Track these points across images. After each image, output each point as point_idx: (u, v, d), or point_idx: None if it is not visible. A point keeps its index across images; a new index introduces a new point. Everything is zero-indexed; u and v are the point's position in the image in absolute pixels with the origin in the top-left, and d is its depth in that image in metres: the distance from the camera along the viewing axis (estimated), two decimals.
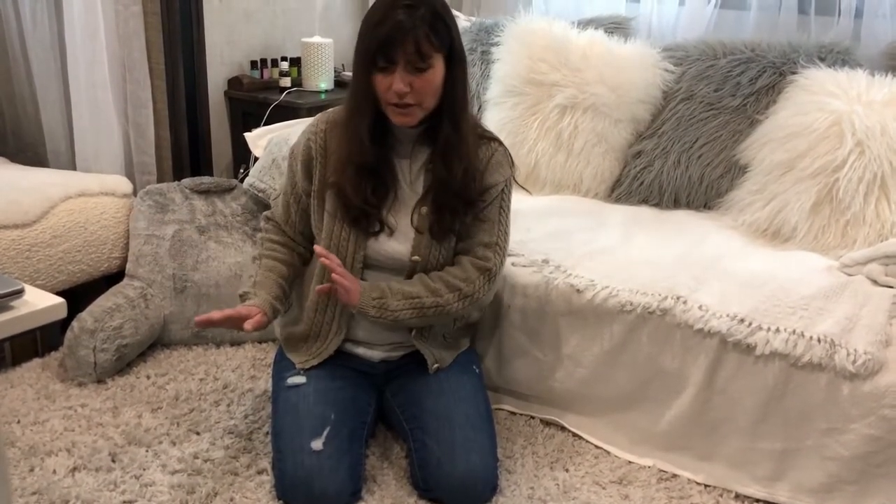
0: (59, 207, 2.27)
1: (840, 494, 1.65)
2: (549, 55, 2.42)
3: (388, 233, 1.69)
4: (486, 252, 1.71)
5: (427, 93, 1.58)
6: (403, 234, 1.69)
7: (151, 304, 2.22)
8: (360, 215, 1.66)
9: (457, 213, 1.68)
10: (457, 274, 1.70)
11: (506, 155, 1.75)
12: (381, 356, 1.79)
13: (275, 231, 1.82)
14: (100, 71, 2.52)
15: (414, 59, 1.53)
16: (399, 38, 1.51)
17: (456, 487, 1.63)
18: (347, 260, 1.69)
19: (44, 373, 2.10)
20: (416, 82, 1.55)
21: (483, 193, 1.70)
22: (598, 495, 1.73)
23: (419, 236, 1.69)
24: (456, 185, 1.65)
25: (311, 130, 1.72)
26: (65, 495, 1.62)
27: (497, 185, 1.71)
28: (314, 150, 1.70)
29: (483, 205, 1.71)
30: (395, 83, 1.54)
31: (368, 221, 1.67)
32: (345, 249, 1.69)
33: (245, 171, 2.69)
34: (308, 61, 2.95)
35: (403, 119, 1.60)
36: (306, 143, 1.72)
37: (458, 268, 1.71)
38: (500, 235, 1.73)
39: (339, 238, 1.69)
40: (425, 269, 1.71)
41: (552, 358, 1.93)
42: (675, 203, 2.32)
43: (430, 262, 1.71)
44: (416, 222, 1.68)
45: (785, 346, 1.64)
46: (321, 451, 1.61)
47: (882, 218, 1.92)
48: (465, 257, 1.72)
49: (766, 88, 2.26)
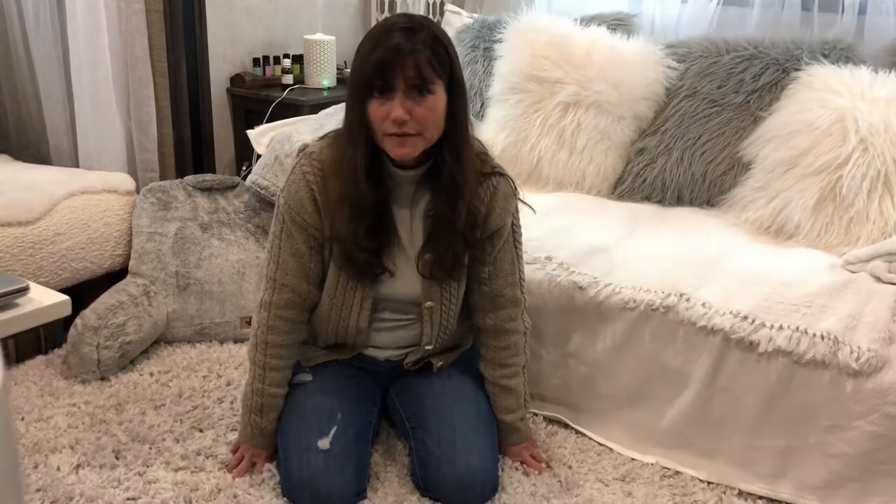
0: (62, 205, 2.27)
1: (843, 492, 1.65)
2: (551, 52, 2.42)
3: (390, 276, 1.63)
4: (514, 293, 1.74)
5: (429, 121, 1.47)
6: (410, 279, 1.65)
7: (154, 301, 2.22)
8: (363, 266, 1.58)
9: (457, 254, 1.61)
10: (514, 341, 1.76)
11: (508, 187, 1.66)
12: (386, 355, 1.78)
13: (281, 327, 1.65)
14: (102, 68, 2.52)
15: (415, 83, 1.44)
16: (398, 61, 1.42)
17: (455, 488, 1.63)
18: (355, 308, 1.65)
19: (47, 370, 2.11)
20: (417, 110, 1.45)
21: (490, 236, 1.66)
22: (601, 492, 1.73)
23: (427, 282, 1.64)
24: (459, 224, 1.58)
25: (305, 175, 1.58)
26: (69, 492, 1.63)
27: (505, 225, 1.68)
28: (317, 192, 1.57)
29: (489, 247, 1.67)
30: (394, 110, 1.43)
31: (370, 270, 1.60)
32: (351, 298, 1.64)
33: (248, 169, 2.69)
34: (310, 58, 2.96)
35: (402, 150, 1.48)
36: (307, 187, 1.58)
37: (507, 335, 1.75)
38: (521, 269, 1.76)
39: (344, 288, 1.63)
40: (440, 315, 1.69)
41: (555, 355, 1.93)
42: (678, 200, 2.32)
43: (444, 304, 1.68)
44: (422, 269, 1.63)
45: (788, 344, 1.64)
46: (328, 451, 1.61)
47: (885, 215, 1.92)
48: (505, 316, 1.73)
49: (770, 85, 2.25)
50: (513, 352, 1.75)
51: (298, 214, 1.60)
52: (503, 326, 1.74)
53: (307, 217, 1.59)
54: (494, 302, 1.72)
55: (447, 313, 1.70)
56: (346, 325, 1.69)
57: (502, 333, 1.74)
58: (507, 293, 1.72)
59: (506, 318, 1.73)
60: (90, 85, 2.52)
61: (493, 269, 1.70)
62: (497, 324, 1.73)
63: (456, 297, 1.69)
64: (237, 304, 2.29)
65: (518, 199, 1.69)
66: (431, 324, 1.69)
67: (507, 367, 1.75)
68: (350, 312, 1.66)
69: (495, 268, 1.70)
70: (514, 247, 1.72)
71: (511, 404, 1.77)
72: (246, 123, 2.86)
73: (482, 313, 1.74)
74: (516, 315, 1.75)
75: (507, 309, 1.73)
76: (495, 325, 1.73)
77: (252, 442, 1.71)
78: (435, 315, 1.68)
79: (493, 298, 1.72)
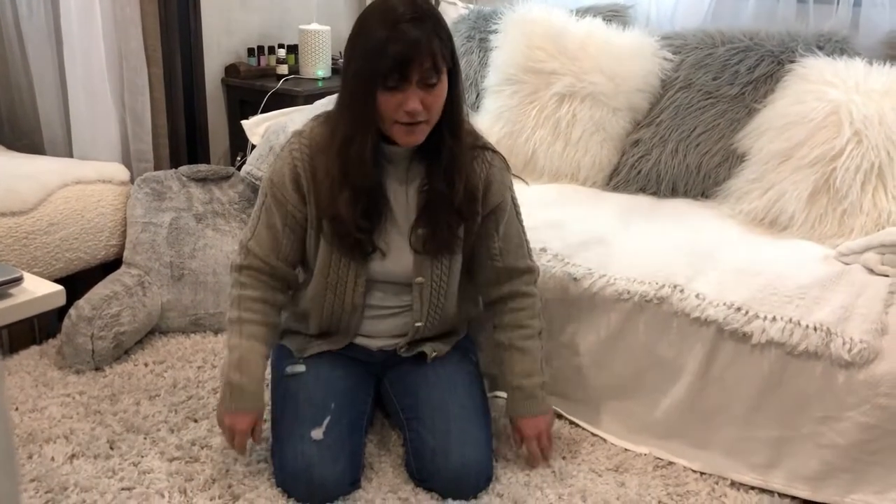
0: (56, 195, 2.27)
1: (834, 482, 1.67)
2: (547, 43, 2.41)
3: (381, 256, 1.64)
4: (525, 262, 1.76)
5: (437, 108, 1.51)
6: (402, 256, 1.65)
7: (149, 291, 2.22)
8: (354, 243, 1.59)
9: (451, 228, 1.63)
10: (530, 304, 1.76)
11: (502, 163, 1.70)
12: (379, 345, 1.78)
13: (253, 284, 1.66)
14: (96, 58, 2.51)
15: (429, 74, 1.46)
16: (416, 55, 1.43)
17: (450, 479, 1.64)
18: (349, 286, 1.66)
19: (41, 360, 2.11)
20: (428, 99, 1.48)
21: (493, 212, 1.69)
22: (594, 483, 1.74)
23: (419, 257, 1.65)
24: (457, 199, 1.60)
25: (293, 155, 1.60)
26: (63, 482, 1.63)
27: (505, 200, 1.70)
28: (303, 176, 1.59)
29: (493, 223, 1.70)
30: (409, 102, 1.45)
31: (362, 248, 1.61)
32: (345, 276, 1.65)
33: (242, 159, 2.68)
34: (305, 49, 2.95)
35: (411, 138, 1.52)
36: (292, 168, 1.60)
37: (524, 298, 1.75)
38: (526, 239, 1.78)
39: (337, 266, 1.64)
40: (431, 291, 1.69)
41: (549, 346, 1.93)
42: (673, 192, 2.32)
43: (434, 282, 1.68)
44: (414, 244, 1.64)
45: (781, 335, 1.65)
46: (321, 441, 1.61)
47: (879, 207, 1.92)
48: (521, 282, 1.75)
49: (765, 77, 2.25)
50: (529, 313, 1.75)
51: (279, 191, 1.62)
52: (519, 290, 1.75)
53: (287, 195, 1.62)
54: (510, 274, 1.75)
55: (437, 290, 1.70)
56: (342, 304, 1.68)
57: (518, 296, 1.75)
58: (520, 265, 1.75)
59: (521, 284, 1.76)
60: (84, 75, 2.51)
61: (504, 244, 1.73)
62: (513, 289, 1.75)
63: (447, 275, 1.69)
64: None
65: (511, 173, 1.73)
66: (422, 301, 1.69)
67: (524, 327, 1.75)
68: (345, 290, 1.66)
69: (505, 243, 1.73)
70: (517, 220, 1.76)
71: (528, 367, 1.73)
72: (241, 114, 2.86)
73: (496, 287, 1.76)
74: (531, 281, 1.77)
75: (523, 277, 1.76)
76: (511, 290, 1.75)
77: (234, 405, 1.61)
78: (425, 292, 1.68)
79: (508, 272, 1.75)
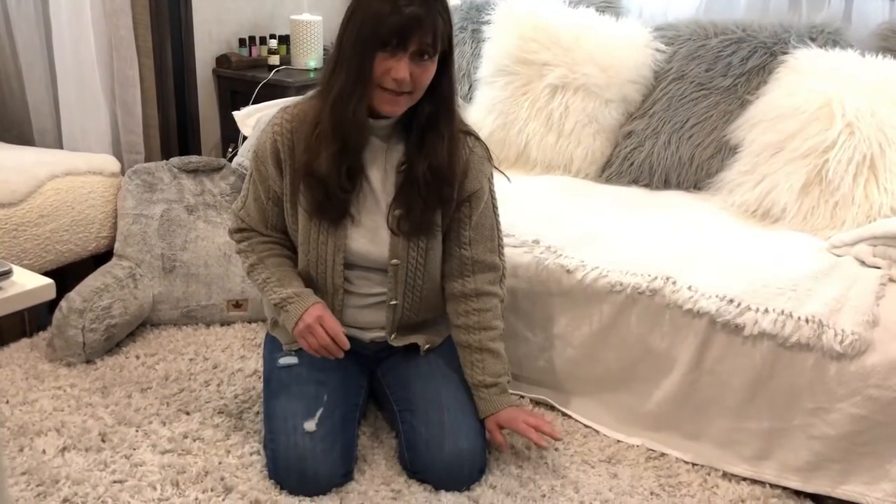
0: (46, 186, 2.25)
1: (825, 473, 1.67)
2: (540, 34, 2.41)
3: (362, 231, 1.65)
4: (493, 259, 1.75)
5: (423, 84, 1.53)
6: (379, 236, 1.66)
7: (140, 283, 2.21)
8: (325, 198, 1.59)
9: (427, 210, 1.63)
10: (495, 304, 1.75)
11: (483, 150, 1.71)
12: (370, 336, 1.78)
13: (254, 236, 1.73)
14: (86, 49, 2.49)
15: (427, 48, 1.48)
16: (420, 26, 1.46)
17: (443, 469, 1.64)
18: (328, 262, 1.66)
19: (32, 353, 2.10)
20: (417, 72, 1.50)
21: (468, 199, 1.68)
22: (586, 474, 1.74)
23: (395, 238, 1.65)
24: (440, 179, 1.60)
25: (274, 130, 1.63)
26: (55, 475, 1.62)
27: (482, 188, 1.70)
28: (282, 151, 1.62)
29: (467, 210, 1.69)
30: (398, 70, 1.47)
31: (333, 207, 1.61)
32: (324, 251, 1.65)
33: (234, 151, 2.67)
34: (297, 39, 2.93)
35: (392, 108, 1.54)
36: (273, 142, 1.63)
37: (489, 298, 1.73)
38: (499, 233, 1.77)
39: (317, 241, 1.65)
40: (406, 273, 1.68)
41: (542, 338, 1.93)
42: (666, 184, 2.32)
43: (410, 264, 1.68)
44: (392, 224, 1.64)
45: (773, 327, 1.65)
46: (314, 433, 1.61)
47: (871, 199, 1.93)
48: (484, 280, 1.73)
49: (757, 69, 2.26)
50: (494, 314, 1.74)
51: (262, 165, 1.67)
52: (484, 289, 1.74)
53: (268, 169, 1.66)
54: (474, 267, 1.73)
55: (414, 272, 1.69)
56: (325, 284, 1.68)
57: (483, 296, 1.74)
58: (486, 259, 1.73)
59: (486, 282, 1.74)
60: (74, 65, 2.49)
61: (475, 234, 1.72)
62: (478, 287, 1.73)
63: (423, 257, 1.69)
64: (223, 287, 2.29)
65: (493, 165, 1.73)
66: (396, 281, 1.69)
67: (490, 329, 1.74)
68: (326, 268, 1.67)
69: (476, 233, 1.72)
70: (493, 213, 1.75)
71: (499, 368, 1.73)
72: (232, 104, 2.84)
73: (461, 280, 1.74)
74: (495, 280, 1.76)
75: (487, 273, 1.74)
76: (476, 288, 1.73)
77: (303, 306, 1.62)
78: (401, 273, 1.68)
79: (473, 264, 1.73)
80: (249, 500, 1.59)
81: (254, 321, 2.31)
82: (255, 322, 2.31)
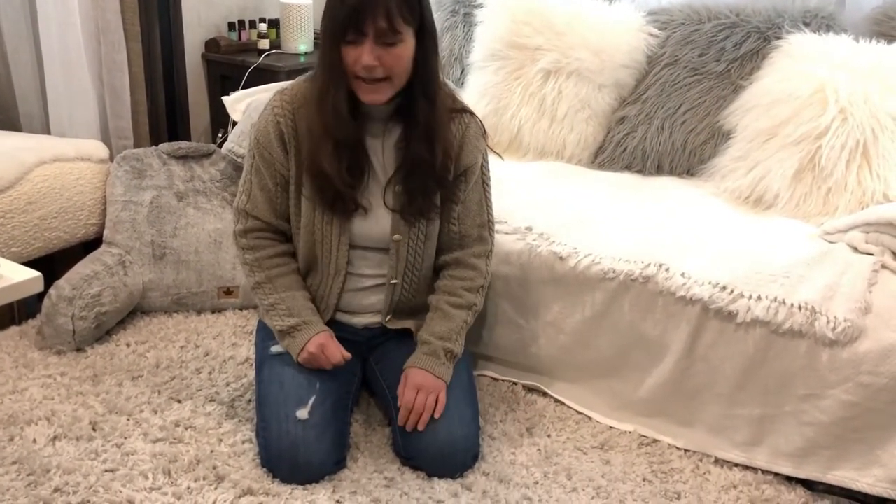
0: (33, 173, 2.22)
1: (816, 459, 1.68)
2: (532, 18, 2.39)
3: (363, 213, 1.65)
4: (481, 233, 1.76)
5: (397, 68, 1.52)
6: (380, 214, 1.66)
7: (130, 271, 2.19)
8: (336, 197, 1.61)
9: (427, 194, 1.65)
10: (471, 276, 1.74)
11: (478, 127, 1.72)
12: (364, 322, 1.78)
13: (263, 243, 1.71)
14: (73, 33, 2.45)
15: (384, 32, 1.48)
16: (370, 10, 1.46)
17: (436, 456, 1.64)
18: (333, 244, 1.66)
19: (21, 341, 2.08)
20: (386, 57, 1.50)
21: (463, 173, 1.69)
22: (579, 460, 1.75)
23: (395, 215, 1.66)
24: (436, 164, 1.61)
25: (275, 112, 1.63)
26: (45, 464, 1.61)
27: (476, 163, 1.70)
28: (286, 133, 1.62)
29: (462, 185, 1.70)
30: (363, 56, 1.48)
31: (345, 203, 1.62)
32: (329, 234, 1.65)
33: (223, 136, 2.65)
34: (287, 23, 2.90)
35: (373, 96, 1.54)
36: (275, 125, 1.62)
37: (466, 269, 1.75)
38: (489, 211, 1.77)
39: (321, 223, 1.65)
40: (407, 250, 1.69)
41: (535, 325, 1.93)
42: (658, 169, 2.32)
43: (412, 240, 1.69)
44: (391, 201, 1.65)
45: (766, 314, 1.65)
46: (306, 421, 1.61)
47: (863, 185, 1.93)
48: (468, 254, 1.74)
49: (751, 54, 2.25)
50: (466, 285, 1.74)
51: (266, 150, 1.65)
52: (466, 260, 1.75)
53: (274, 153, 1.64)
54: (462, 241, 1.75)
55: (414, 249, 1.70)
56: (328, 265, 1.68)
57: (463, 266, 1.75)
58: (473, 233, 1.75)
59: (470, 255, 1.75)
60: (60, 50, 2.46)
61: (463, 208, 1.73)
62: (461, 257, 1.75)
63: (424, 235, 1.70)
64: (214, 274, 2.27)
65: (486, 143, 1.73)
66: (398, 258, 1.69)
67: (455, 295, 1.73)
68: (331, 248, 1.66)
69: (465, 208, 1.73)
70: (482, 188, 1.75)
71: (443, 330, 1.69)
72: (221, 89, 2.81)
73: (448, 253, 1.76)
74: (481, 253, 1.76)
75: (473, 247, 1.75)
76: (458, 258, 1.75)
77: (308, 335, 1.65)
78: (402, 250, 1.68)
79: (461, 238, 1.74)
80: (241, 488, 1.58)
81: (245, 308, 2.30)
82: (247, 309, 2.29)
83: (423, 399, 1.64)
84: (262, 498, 1.57)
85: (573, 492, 1.65)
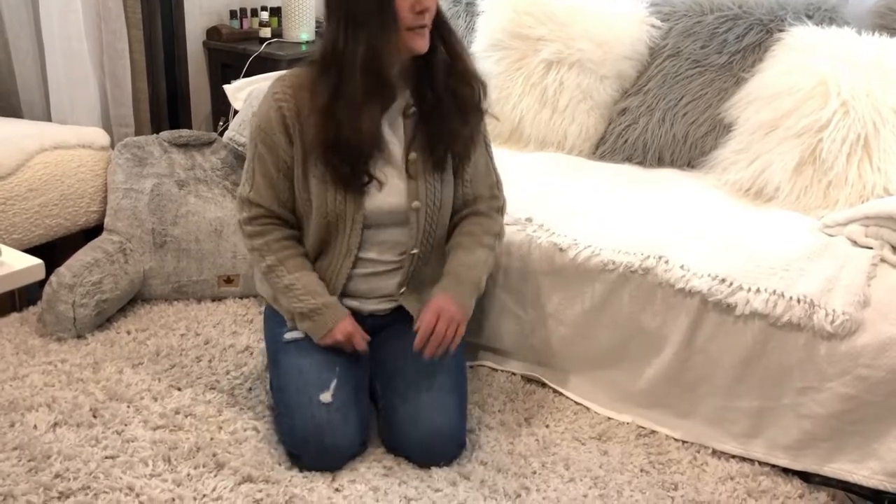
0: (34, 160, 2.22)
1: (813, 451, 1.69)
2: (534, 9, 2.38)
3: (378, 186, 1.64)
4: (493, 192, 1.81)
5: (434, 9, 1.56)
6: (395, 185, 1.66)
7: (131, 258, 2.20)
8: (348, 172, 1.60)
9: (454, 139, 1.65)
10: (488, 223, 1.78)
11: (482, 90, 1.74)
12: (371, 309, 1.77)
13: (268, 229, 1.70)
14: (74, 20, 2.45)
15: None
16: None
17: (420, 445, 1.65)
18: (347, 223, 1.65)
19: (22, 328, 2.09)
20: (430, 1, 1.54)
21: None
22: (577, 451, 1.75)
23: (413, 182, 1.66)
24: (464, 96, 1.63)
25: (276, 97, 1.61)
26: (46, 451, 1.62)
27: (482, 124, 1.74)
28: (288, 116, 1.60)
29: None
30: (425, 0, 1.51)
31: (356, 175, 1.61)
32: (343, 213, 1.64)
33: (225, 124, 2.64)
34: (289, 11, 2.89)
35: (423, 42, 1.55)
36: (277, 109, 1.61)
37: (483, 217, 1.78)
38: (496, 171, 1.82)
39: (334, 202, 1.63)
40: (426, 216, 1.69)
41: (534, 316, 1.93)
42: (659, 161, 2.31)
43: (430, 206, 1.69)
44: (409, 169, 1.65)
45: (765, 307, 1.66)
46: (330, 404, 1.61)
47: (864, 179, 1.93)
48: (482, 206, 1.78)
49: (753, 46, 2.24)
50: (485, 229, 1.77)
51: (269, 137, 1.63)
52: (479, 210, 1.79)
53: (277, 139, 1.63)
54: (476, 201, 1.79)
55: (432, 216, 1.70)
56: (340, 246, 1.67)
57: (479, 215, 1.79)
58: (486, 193, 1.80)
59: (483, 205, 1.79)
60: (61, 38, 2.46)
61: (474, 171, 1.77)
62: (476, 209, 1.79)
63: (440, 198, 1.70)
64: (215, 262, 2.28)
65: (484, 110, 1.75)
66: (418, 226, 1.69)
67: (475, 235, 1.76)
68: (345, 228, 1.66)
69: (475, 170, 1.77)
70: (486, 152, 1.80)
71: (469, 261, 1.72)
72: (223, 78, 2.81)
73: (462, 211, 1.79)
74: (494, 206, 1.81)
75: (486, 202, 1.80)
76: (474, 210, 1.79)
77: (333, 319, 1.66)
78: (421, 217, 1.68)
79: (475, 199, 1.79)
80: (241, 475, 1.59)
81: (245, 296, 2.30)
82: (247, 297, 2.30)
83: (442, 327, 1.63)
84: (262, 485, 1.58)
85: (571, 482, 1.66)
